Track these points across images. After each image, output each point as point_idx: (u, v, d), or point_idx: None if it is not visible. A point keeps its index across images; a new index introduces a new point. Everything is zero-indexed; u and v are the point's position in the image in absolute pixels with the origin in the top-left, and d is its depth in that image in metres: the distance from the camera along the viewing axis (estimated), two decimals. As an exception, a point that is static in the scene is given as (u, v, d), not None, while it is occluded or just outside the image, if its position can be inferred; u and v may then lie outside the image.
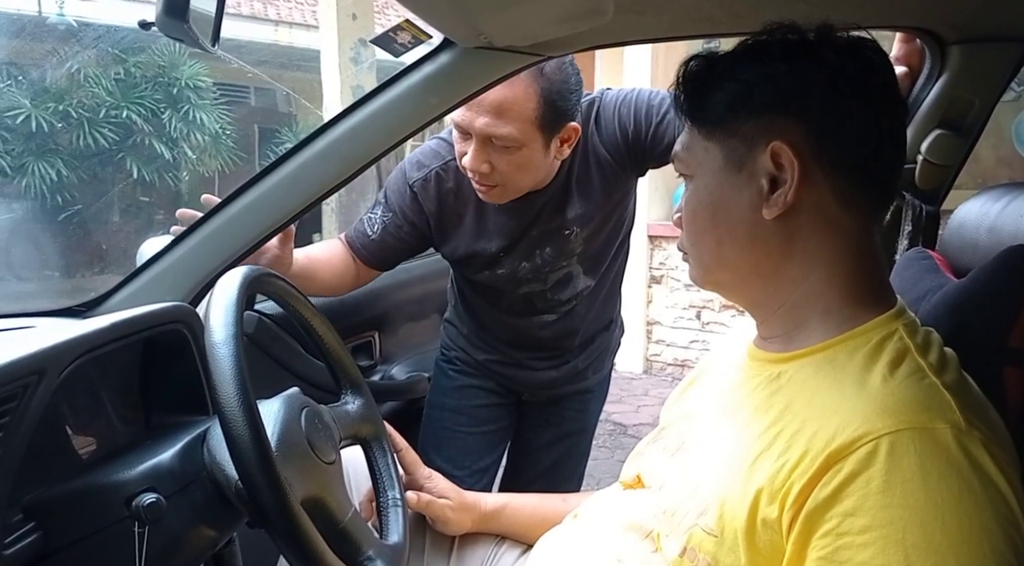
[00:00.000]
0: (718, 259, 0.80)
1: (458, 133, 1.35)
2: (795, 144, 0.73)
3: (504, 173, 1.34)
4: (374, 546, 0.92)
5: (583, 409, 1.72)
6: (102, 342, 0.89)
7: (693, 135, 0.80)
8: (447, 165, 1.46)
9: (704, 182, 0.79)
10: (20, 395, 0.75)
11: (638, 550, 0.82)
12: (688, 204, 0.81)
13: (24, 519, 0.80)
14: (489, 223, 1.47)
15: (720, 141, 0.77)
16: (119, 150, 6.25)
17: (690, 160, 0.80)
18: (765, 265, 0.77)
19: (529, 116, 1.29)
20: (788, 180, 0.73)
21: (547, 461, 1.72)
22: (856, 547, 0.62)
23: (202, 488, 0.86)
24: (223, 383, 0.76)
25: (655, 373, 4.81)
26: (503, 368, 1.63)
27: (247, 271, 0.89)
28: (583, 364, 1.65)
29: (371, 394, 1.10)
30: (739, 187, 0.76)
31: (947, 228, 1.00)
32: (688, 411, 0.92)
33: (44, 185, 5.94)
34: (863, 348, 0.72)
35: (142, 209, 6.83)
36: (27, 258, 6.07)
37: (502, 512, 1.13)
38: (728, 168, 0.77)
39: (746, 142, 0.75)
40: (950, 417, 0.64)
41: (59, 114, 5.97)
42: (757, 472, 0.69)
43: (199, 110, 6.48)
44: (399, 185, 1.49)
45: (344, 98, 5.09)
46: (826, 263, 0.75)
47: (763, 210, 0.74)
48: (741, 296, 0.83)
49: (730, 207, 0.77)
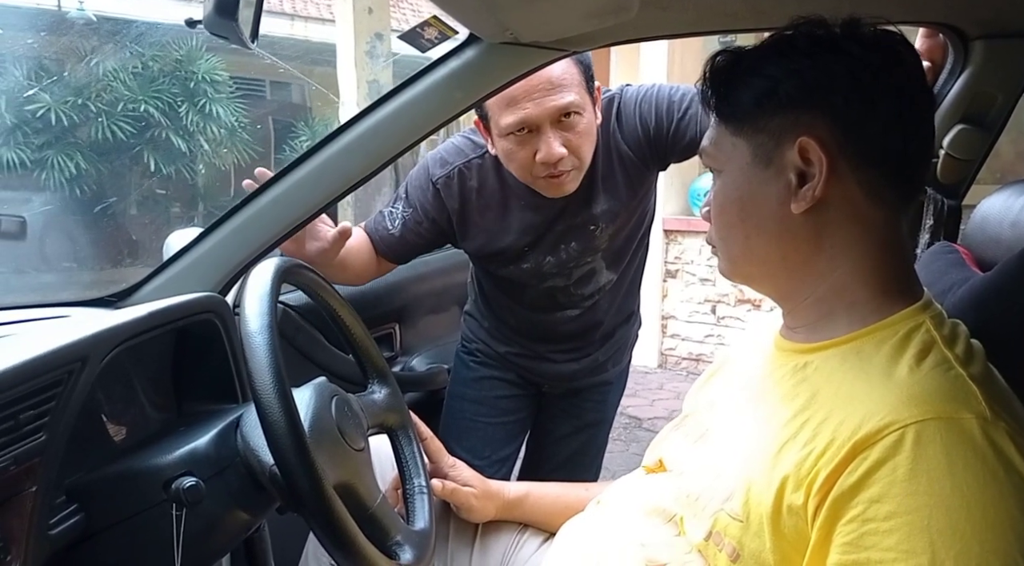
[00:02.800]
0: (747, 253, 0.81)
1: (516, 138, 1.34)
2: (823, 139, 0.73)
3: (577, 149, 1.36)
4: (402, 531, 0.94)
5: (602, 401, 1.74)
6: (140, 331, 0.91)
7: (720, 130, 0.80)
8: (470, 163, 1.48)
9: (732, 177, 0.80)
10: (65, 381, 0.78)
11: (661, 534, 0.83)
12: (717, 198, 0.82)
13: (67, 501, 0.83)
14: (514, 220, 1.48)
15: (748, 137, 0.78)
16: (137, 143, 6.31)
17: (718, 155, 0.81)
18: (793, 258, 0.78)
19: (578, 79, 1.34)
20: (816, 175, 0.74)
21: (566, 452, 1.73)
22: (881, 533, 0.63)
23: (236, 473, 0.88)
24: (259, 371, 0.78)
25: (670, 367, 4.82)
26: (524, 360, 1.64)
27: (279, 262, 0.92)
28: (603, 357, 1.67)
29: (397, 384, 1.12)
30: (767, 182, 0.77)
31: (970, 222, 1.00)
32: (712, 399, 0.92)
33: (63, 178, 6.00)
34: (890, 339, 0.73)
35: (159, 202, 6.89)
36: (47, 250, 6.14)
37: (525, 500, 1.14)
38: (756, 163, 0.77)
39: (774, 137, 0.76)
40: (976, 408, 0.65)
41: (78, 108, 6.03)
42: (783, 460, 0.70)
43: (215, 103, 6.53)
44: (422, 182, 1.50)
45: (360, 92, 5.11)
46: (854, 256, 0.76)
47: (791, 204, 0.75)
48: (769, 288, 0.84)
49: (758, 202, 0.78)
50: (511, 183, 1.46)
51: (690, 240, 4.66)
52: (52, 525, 0.79)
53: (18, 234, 5.30)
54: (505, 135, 1.35)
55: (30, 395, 0.73)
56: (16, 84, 5.84)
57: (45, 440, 0.76)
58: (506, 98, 1.29)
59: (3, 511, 0.73)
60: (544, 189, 1.41)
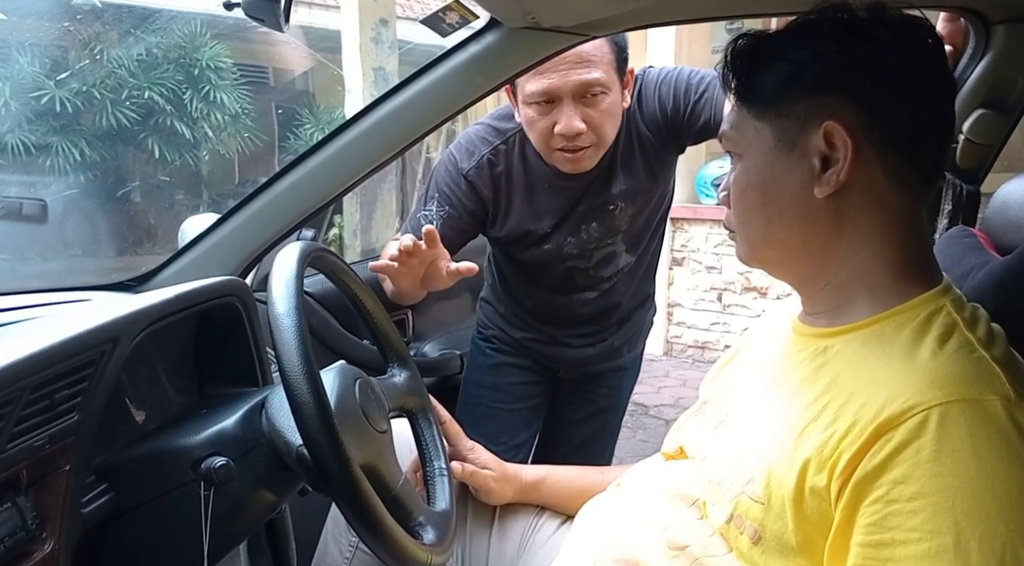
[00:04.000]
0: (767, 237, 0.81)
1: (539, 107, 1.36)
2: (848, 124, 0.73)
3: (597, 127, 1.37)
4: (424, 512, 0.95)
5: (616, 386, 1.75)
6: (166, 313, 0.92)
7: (742, 114, 0.80)
8: (496, 149, 1.49)
9: (754, 162, 0.80)
10: (97, 362, 0.79)
11: (684, 517, 0.83)
12: (737, 183, 0.82)
13: (96, 481, 0.84)
14: (540, 203, 1.50)
15: (771, 121, 0.77)
16: (141, 130, 6.29)
17: (739, 139, 0.81)
18: (814, 243, 0.78)
19: (608, 59, 1.34)
20: (841, 159, 0.74)
21: (580, 437, 1.75)
22: (906, 514, 0.63)
23: (262, 454, 0.89)
24: (288, 353, 0.78)
25: (675, 355, 4.83)
26: (540, 346, 1.65)
27: (304, 246, 0.92)
28: (619, 341, 1.68)
29: (416, 368, 1.13)
30: (790, 167, 0.77)
31: (989, 207, 1.01)
32: (729, 386, 0.93)
33: (68, 165, 5.99)
34: (911, 323, 0.73)
35: (163, 189, 6.88)
36: (51, 237, 6.14)
37: (542, 483, 1.15)
38: (779, 148, 0.77)
39: (798, 122, 0.76)
40: (1000, 389, 0.65)
41: (82, 95, 6.01)
42: (805, 442, 0.71)
43: (219, 90, 6.50)
44: (452, 177, 1.50)
45: (366, 79, 5.09)
46: (875, 240, 0.76)
47: (815, 189, 0.75)
48: (788, 273, 0.83)
49: (781, 186, 0.78)
50: (535, 166, 1.48)
51: (696, 228, 4.66)
52: (84, 503, 0.80)
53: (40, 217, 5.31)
54: (529, 103, 1.37)
55: (64, 375, 0.74)
56: (20, 71, 5.83)
57: (78, 420, 0.77)
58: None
59: (38, 489, 0.74)
60: (560, 164, 1.42)
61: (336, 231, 5.98)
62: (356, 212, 5.48)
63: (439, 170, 1.53)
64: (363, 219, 5.38)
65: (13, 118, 5.82)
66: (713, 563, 0.78)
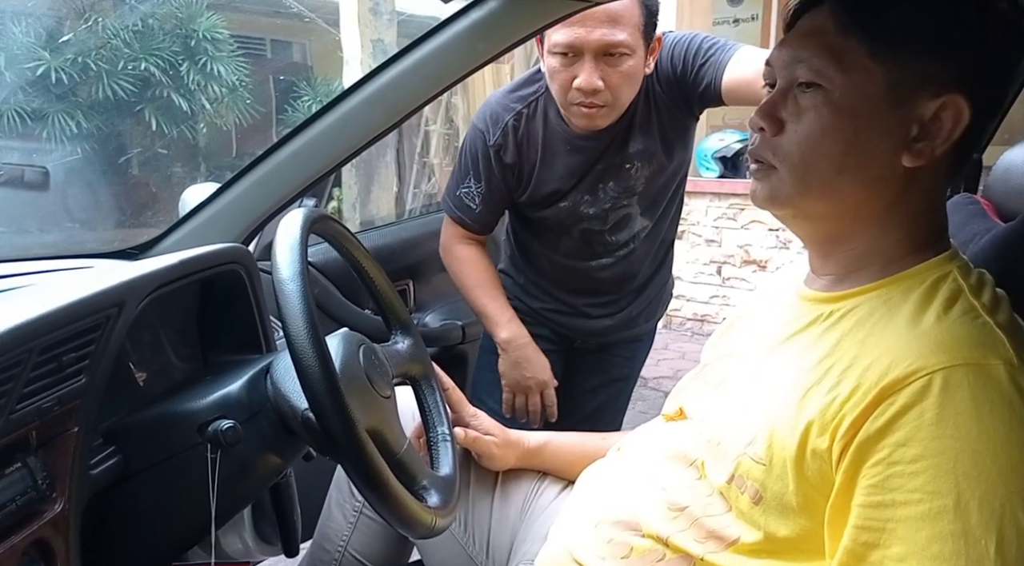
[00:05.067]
0: (829, 187, 0.74)
1: (562, 59, 1.38)
2: (970, 101, 0.69)
3: (615, 87, 1.38)
4: (428, 476, 0.96)
5: (631, 357, 1.78)
6: (171, 279, 0.92)
7: (848, 44, 0.71)
8: (520, 114, 1.51)
9: (851, 104, 0.71)
10: (103, 326, 0.79)
11: (682, 477, 0.84)
12: (818, 119, 0.72)
13: (104, 444, 0.85)
14: (560, 165, 1.52)
15: (888, 68, 0.70)
16: (137, 102, 6.25)
17: (834, 72, 0.71)
18: (871, 207, 0.75)
19: (636, 22, 1.35)
20: (945, 135, 0.70)
21: (592, 405, 1.77)
22: (907, 475, 0.64)
23: (268, 418, 0.90)
24: (293, 317, 0.79)
25: (675, 328, 4.84)
26: (558, 316, 1.67)
27: (308, 213, 0.92)
28: (636, 310, 1.70)
29: (420, 336, 1.14)
30: (891, 124, 0.71)
31: (992, 174, 1.01)
32: (731, 349, 0.93)
33: (64, 137, 5.96)
34: (917, 288, 0.73)
35: (161, 162, 6.84)
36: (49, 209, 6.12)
37: (544, 449, 1.16)
38: (887, 100, 0.70)
39: (918, 79, 0.69)
40: (1003, 354, 0.66)
41: (78, 66, 5.96)
42: (807, 405, 0.71)
43: (216, 62, 6.43)
44: (482, 151, 1.53)
45: (364, 51, 5.05)
46: (917, 212, 0.75)
47: (904, 156, 0.71)
48: (821, 230, 0.79)
49: (873, 141, 0.71)
50: (557, 128, 1.50)
51: (696, 201, 4.65)
52: (92, 465, 0.81)
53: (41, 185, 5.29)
54: (553, 53, 1.38)
55: (71, 338, 0.75)
56: (15, 42, 5.77)
57: (86, 382, 0.77)
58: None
59: (48, 450, 0.75)
60: (576, 118, 1.43)
61: (335, 203, 5.97)
62: (354, 184, 5.46)
63: (470, 144, 1.56)
64: (361, 191, 5.37)
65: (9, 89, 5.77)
66: (712, 523, 0.79)
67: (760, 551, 0.75)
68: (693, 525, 0.80)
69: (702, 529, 0.79)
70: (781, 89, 0.76)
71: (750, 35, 4.64)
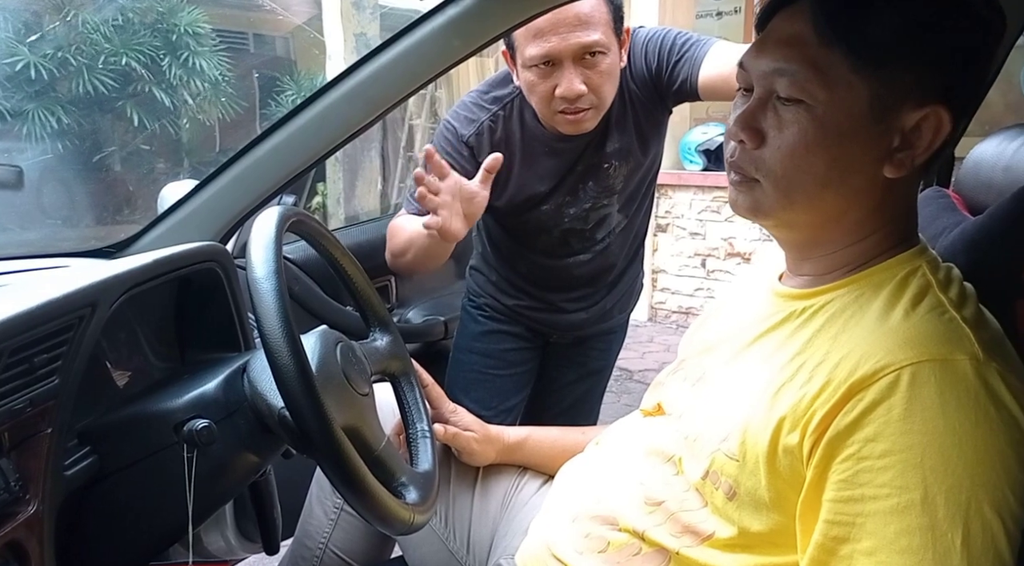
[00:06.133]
0: (811, 200, 0.74)
1: (539, 71, 1.36)
2: (950, 111, 0.70)
3: (597, 88, 1.37)
4: (406, 473, 0.96)
5: (606, 349, 1.78)
6: (146, 278, 0.92)
7: (832, 58, 0.70)
8: (496, 116, 1.49)
9: (836, 121, 0.71)
10: (76, 326, 0.79)
11: (660, 473, 0.85)
12: (802, 136, 0.72)
13: (79, 444, 0.84)
14: (539, 168, 1.51)
15: (872, 83, 0.69)
16: (119, 97, 6.19)
17: (818, 88, 0.70)
18: (854, 214, 0.75)
19: (606, 19, 1.35)
20: (925, 145, 0.71)
21: (569, 399, 1.78)
22: (876, 470, 0.65)
23: (244, 417, 0.90)
24: (267, 316, 0.79)
25: (660, 321, 4.86)
26: (533, 312, 1.67)
27: (283, 211, 0.92)
28: (611, 303, 1.70)
29: (398, 332, 1.14)
30: (873, 139, 0.71)
31: (962, 168, 1.02)
32: (708, 345, 0.93)
33: (45, 133, 5.90)
34: (888, 284, 0.74)
35: (143, 158, 6.79)
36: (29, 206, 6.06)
37: (524, 444, 1.17)
38: (870, 115, 0.70)
39: (901, 93, 0.69)
40: (969, 349, 0.67)
41: (57, 61, 5.90)
42: (780, 401, 0.72)
43: (198, 57, 6.38)
44: (454, 145, 1.50)
45: (347, 46, 5.03)
46: (897, 215, 0.76)
47: (886, 167, 0.72)
48: (802, 236, 0.79)
49: (855, 155, 0.72)
50: (534, 130, 1.48)
51: (681, 194, 4.67)
52: (67, 466, 0.81)
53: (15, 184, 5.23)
54: (529, 67, 1.37)
55: (43, 339, 0.74)
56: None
57: (59, 383, 0.77)
58: (533, 30, 1.31)
59: (21, 452, 0.74)
60: (562, 126, 1.43)
61: (319, 199, 5.94)
62: (339, 180, 5.44)
63: (439, 140, 1.53)
64: (346, 187, 5.36)
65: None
66: (688, 517, 0.79)
67: (734, 546, 0.76)
68: (669, 519, 0.81)
69: (678, 524, 0.80)
70: (760, 99, 0.75)
71: (733, 28, 4.64)
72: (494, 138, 1.49)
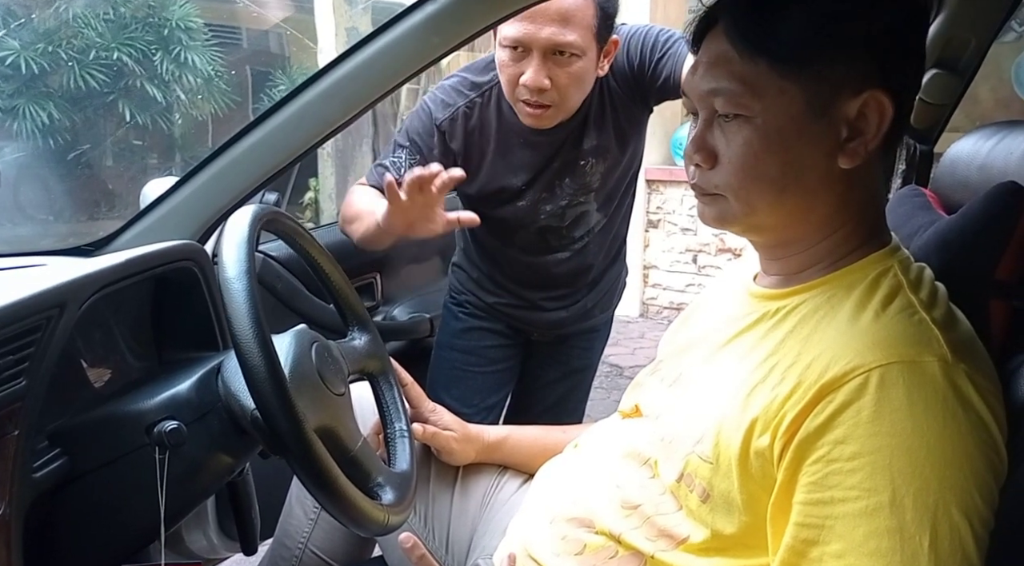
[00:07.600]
0: (774, 205, 0.75)
1: (511, 53, 1.35)
2: (889, 93, 0.70)
3: (562, 88, 1.36)
4: (383, 473, 0.96)
5: (588, 347, 1.77)
6: (118, 278, 0.91)
7: (757, 69, 0.71)
8: (472, 102, 1.48)
9: (776, 126, 0.72)
10: (43, 327, 0.78)
11: (636, 476, 0.85)
12: (748, 147, 0.73)
13: (49, 446, 0.84)
14: (514, 158, 1.50)
15: (802, 83, 0.70)
16: (111, 92, 6.17)
17: (751, 100, 0.72)
18: (820, 212, 0.75)
19: (589, 23, 1.32)
20: (873, 130, 0.71)
21: (552, 397, 1.77)
22: (845, 472, 0.65)
23: (218, 417, 0.89)
24: (238, 317, 0.78)
25: (651, 317, 4.86)
26: (513, 310, 1.66)
27: (257, 210, 0.91)
28: (591, 302, 1.69)
29: (377, 331, 1.13)
30: (819, 135, 0.72)
31: (939, 166, 1.01)
32: (685, 345, 0.93)
33: (36, 128, 5.88)
34: (860, 284, 0.74)
35: (135, 152, 6.77)
36: (19, 202, 6.04)
37: (504, 443, 1.16)
38: (810, 113, 0.71)
39: (834, 87, 0.70)
40: (937, 351, 0.66)
41: (48, 56, 5.87)
42: (752, 403, 0.72)
43: (191, 52, 6.37)
44: (424, 126, 1.49)
45: (339, 39, 5.02)
46: (863, 208, 0.76)
47: (839, 159, 0.72)
48: (772, 237, 0.80)
49: (805, 155, 0.72)
50: (511, 121, 1.47)
51: (672, 190, 4.67)
52: (36, 468, 0.80)
53: (1, 180, 5.21)
54: (503, 46, 1.36)
55: (8, 341, 0.74)
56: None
57: (26, 385, 0.76)
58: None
59: (-13, 455, 0.74)
60: (522, 115, 1.42)
61: (311, 194, 5.93)
62: (331, 176, 5.44)
63: (412, 119, 1.52)
64: (338, 182, 5.35)
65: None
66: (663, 521, 0.79)
67: (708, 549, 0.76)
68: (645, 523, 0.81)
69: (654, 527, 0.80)
70: (705, 120, 0.77)
71: (725, 23, 4.63)
72: (468, 124, 1.48)
